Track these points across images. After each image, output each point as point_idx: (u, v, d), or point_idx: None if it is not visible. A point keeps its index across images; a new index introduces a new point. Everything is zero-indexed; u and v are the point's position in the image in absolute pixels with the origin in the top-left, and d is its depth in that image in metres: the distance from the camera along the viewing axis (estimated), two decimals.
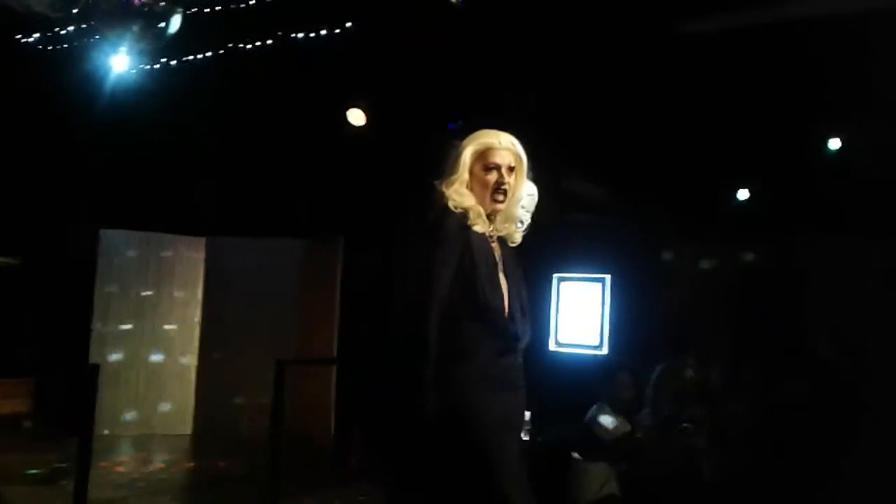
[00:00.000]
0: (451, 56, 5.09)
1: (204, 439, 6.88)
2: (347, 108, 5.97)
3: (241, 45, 5.64)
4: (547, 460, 4.65)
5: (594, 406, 4.86)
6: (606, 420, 4.74)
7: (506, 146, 2.66)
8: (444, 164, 2.66)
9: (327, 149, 6.29)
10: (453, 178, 2.61)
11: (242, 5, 5.10)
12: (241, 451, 6.11)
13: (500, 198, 2.62)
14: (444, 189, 2.60)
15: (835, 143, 5.40)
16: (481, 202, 2.61)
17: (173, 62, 5.73)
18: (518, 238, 2.70)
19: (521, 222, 2.71)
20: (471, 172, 2.61)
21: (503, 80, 5.17)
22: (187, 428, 7.07)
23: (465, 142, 2.67)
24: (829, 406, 4.56)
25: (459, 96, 5.45)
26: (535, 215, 2.73)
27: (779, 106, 4.89)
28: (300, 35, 5.44)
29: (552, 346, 5.86)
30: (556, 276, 5.94)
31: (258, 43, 5.60)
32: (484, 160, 2.63)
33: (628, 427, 4.73)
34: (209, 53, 5.67)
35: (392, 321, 2.65)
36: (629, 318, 5.68)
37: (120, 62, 5.30)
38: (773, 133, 5.09)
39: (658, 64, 4.68)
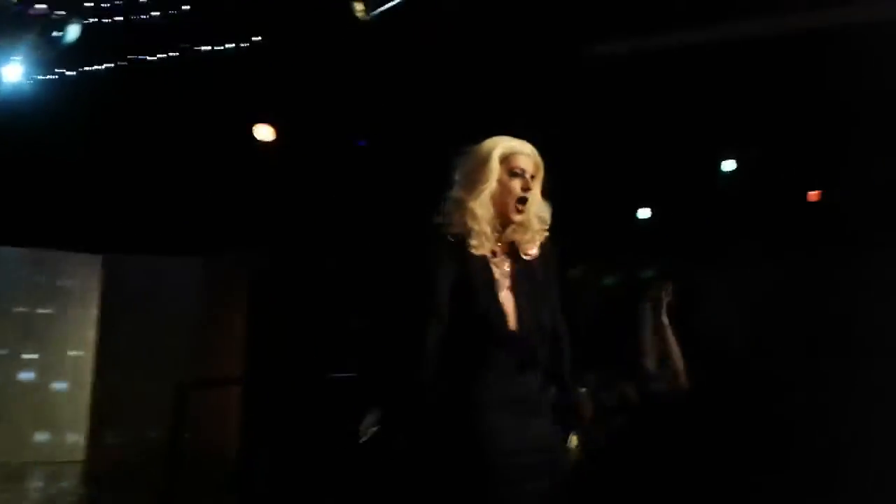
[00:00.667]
0: (360, 73, 5.08)
1: (97, 467, 6.56)
2: (254, 124, 5.87)
3: (143, 57, 5.47)
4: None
5: None
6: None
7: (529, 152, 2.51)
8: (459, 171, 2.49)
9: (234, 165, 6.15)
10: (482, 186, 2.43)
11: (144, 17, 4.94)
12: (137, 479, 5.85)
13: (522, 207, 2.46)
14: (468, 201, 2.42)
15: (729, 165, 5.67)
16: (502, 212, 2.46)
17: (71, 73, 5.49)
18: (531, 251, 2.50)
19: (537, 233, 2.52)
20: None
21: (410, 97, 5.19)
22: (80, 454, 6.73)
23: (485, 146, 2.50)
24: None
25: (367, 114, 5.45)
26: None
27: (675, 129, 5.11)
28: (205, 48, 5.32)
29: None
30: None
31: (161, 55, 5.44)
32: (509, 165, 2.47)
33: None
34: (109, 65, 5.47)
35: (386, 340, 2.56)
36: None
37: (13, 71, 5.05)
38: (670, 155, 5.31)
39: (561, 84, 4.81)
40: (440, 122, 5.46)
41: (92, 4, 4.83)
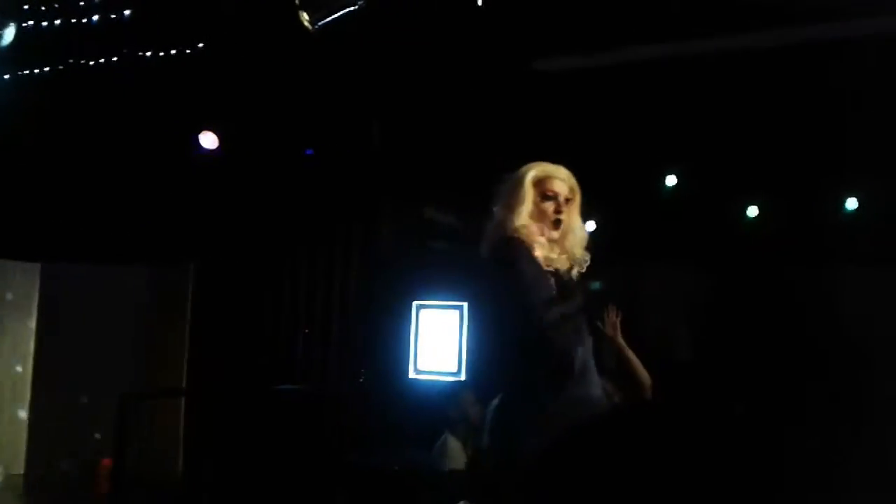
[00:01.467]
0: (308, 82, 5.03)
1: (35, 481, 6.35)
2: (199, 131, 5.76)
3: (84, 62, 5.33)
4: (401, 491, 4.59)
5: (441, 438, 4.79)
6: (453, 447, 4.64)
7: (563, 177, 2.61)
8: (498, 197, 2.59)
9: (177, 172, 6.03)
10: (520, 208, 2.54)
11: (84, 21, 4.82)
12: (78, 493, 5.69)
13: (556, 226, 2.56)
14: (513, 221, 2.52)
15: (671, 180, 5.78)
16: (541, 227, 2.55)
17: (5, 76, 5.32)
18: (574, 277, 2.61)
19: (578, 262, 2.62)
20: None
21: (359, 108, 5.17)
22: (19, 468, 6.52)
23: (521, 171, 2.60)
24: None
25: (314, 122, 5.40)
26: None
27: (622, 143, 5.18)
28: (149, 54, 5.21)
29: (411, 374, 5.86)
30: (415, 303, 5.96)
31: (102, 60, 5.31)
32: (542, 188, 2.57)
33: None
34: (47, 69, 5.31)
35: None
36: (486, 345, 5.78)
37: None
38: (615, 169, 5.39)
39: (510, 97, 4.84)
40: (388, 132, 5.45)
41: (28, 7, 4.69)
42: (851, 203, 5.73)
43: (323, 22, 3.82)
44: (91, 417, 6.16)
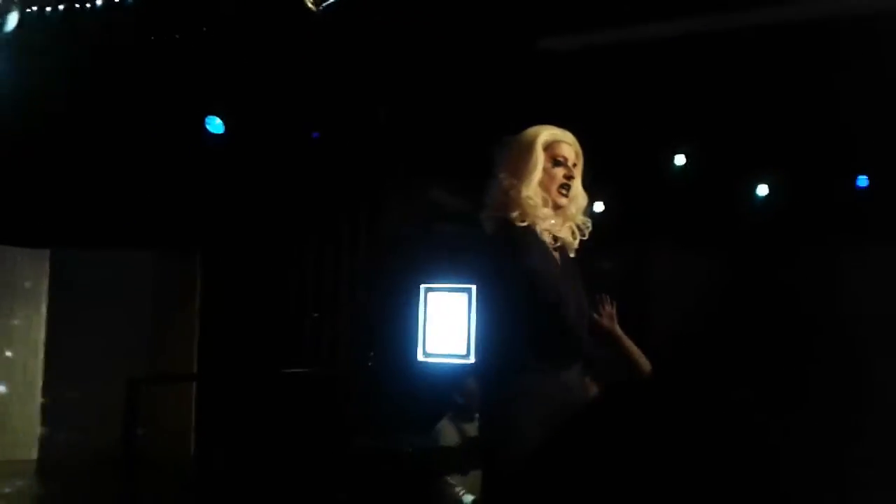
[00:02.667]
0: (313, 64, 5.00)
1: (49, 466, 6.40)
2: (207, 116, 5.74)
3: (90, 46, 5.31)
4: (411, 473, 4.60)
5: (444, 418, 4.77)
6: (450, 430, 4.60)
7: (570, 141, 2.55)
8: (504, 160, 2.51)
9: (185, 157, 6.02)
10: (531, 175, 2.45)
11: (88, 5, 4.79)
12: (89, 479, 5.73)
13: (565, 192, 2.50)
14: (522, 190, 2.44)
15: (680, 160, 5.73)
16: (549, 198, 2.49)
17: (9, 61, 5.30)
18: (576, 246, 2.57)
19: (580, 230, 2.57)
20: None
21: (365, 90, 5.14)
22: (32, 453, 6.57)
23: (528, 134, 2.52)
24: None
25: (320, 105, 5.37)
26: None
27: (630, 123, 5.14)
28: (156, 38, 5.19)
29: (420, 357, 5.87)
30: (423, 286, 5.95)
31: (108, 44, 5.29)
32: (552, 152, 2.50)
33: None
34: (52, 53, 5.30)
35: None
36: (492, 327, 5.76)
37: None
38: (624, 148, 5.34)
39: (517, 77, 4.80)
40: (395, 113, 5.42)
41: None
42: (862, 181, 5.68)
43: (327, 3, 3.79)
44: (104, 403, 6.19)
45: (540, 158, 2.48)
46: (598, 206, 6.18)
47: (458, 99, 5.06)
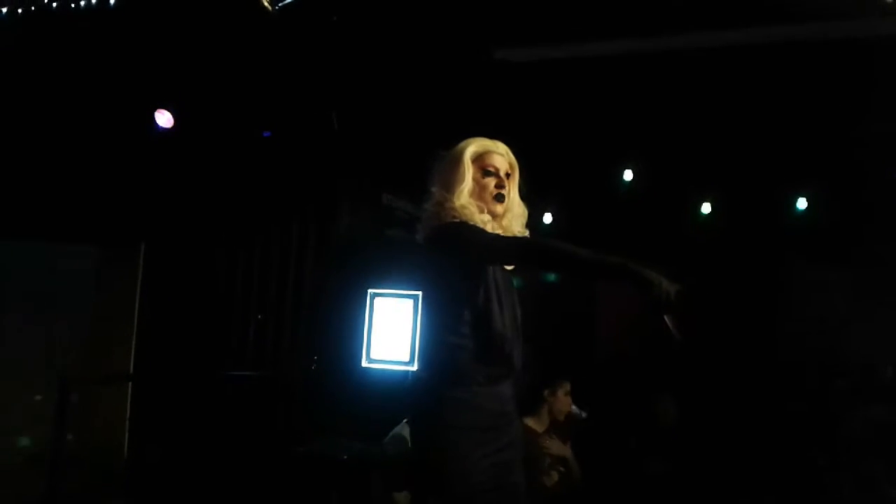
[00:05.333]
0: (267, 63, 4.95)
1: None
2: (154, 109, 5.62)
3: (36, 36, 5.17)
4: (350, 481, 4.56)
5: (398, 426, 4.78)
6: (404, 437, 4.58)
7: (503, 151, 2.56)
8: (436, 173, 2.53)
9: (130, 150, 5.88)
10: (461, 187, 2.47)
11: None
12: (17, 480, 5.54)
13: (500, 200, 2.50)
14: (453, 201, 2.44)
15: (628, 175, 5.83)
16: (485, 208, 2.49)
17: None
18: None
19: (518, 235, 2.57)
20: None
21: (319, 92, 5.10)
22: None
23: (458, 147, 2.54)
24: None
25: (272, 104, 5.31)
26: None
27: (580, 137, 5.21)
28: (104, 29, 5.07)
29: (364, 363, 5.82)
30: (370, 291, 5.91)
31: (55, 33, 5.15)
32: (482, 163, 2.52)
33: None
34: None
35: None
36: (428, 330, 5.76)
37: None
38: (573, 162, 5.42)
39: (470, 86, 4.82)
40: (347, 117, 5.39)
41: None
42: (801, 203, 5.86)
43: (283, 3, 3.75)
44: (35, 403, 5.99)
45: (468, 170, 2.50)
46: (547, 218, 6.28)
47: (412, 105, 5.06)
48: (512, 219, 2.57)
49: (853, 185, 5.47)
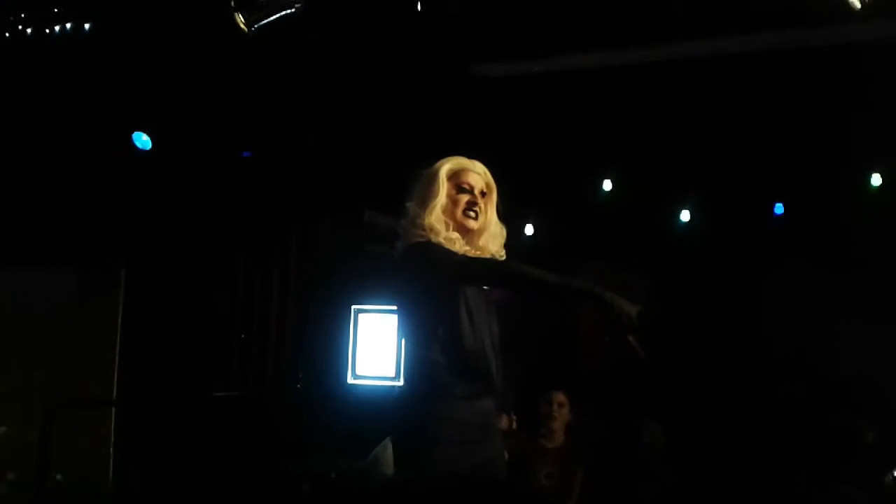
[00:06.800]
0: (245, 83, 4.95)
1: None
2: (132, 131, 5.60)
3: (13, 56, 5.14)
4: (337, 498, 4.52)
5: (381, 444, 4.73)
6: (388, 454, 4.58)
7: (479, 171, 2.60)
8: (413, 191, 2.57)
9: (110, 173, 5.85)
10: (433, 203, 2.50)
11: (12, 18, 4.64)
12: None
13: (473, 215, 2.53)
14: (424, 217, 2.48)
15: (607, 185, 5.88)
16: (458, 224, 2.52)
17: None
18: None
19: (495, 255, 2.60)
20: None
21: (295, 110, 5.11)
22: None
23: (435, 165, 2.58)
24: None
25: (252, 126, 5.32)
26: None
27: (560, 149, 5.25)
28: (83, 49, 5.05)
29: (350, 379, 5.81)
30: (353, 307, 5.91)
31: (33, 56, 5.13)
32: (457, 180, 2.56)
33: None
34: None
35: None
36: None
37: None
38: (553, 174, 5.46)
39: (449, 101, 4.85)
40: (327, 135, 5.40)
41: None
42: (779, 208, 5.93)
43: (260, 24, 3.76)
44: (17, 429, 5.91)
45: (443, 187, 2.54)
46: (528, 230, 6.31)
47: (391, 121, 5.09)
48: (489, 238, 2.60)
49: (831, 190, 5.54)
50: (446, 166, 2.58)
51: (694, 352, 5.60)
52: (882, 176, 5.47)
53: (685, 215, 6.09)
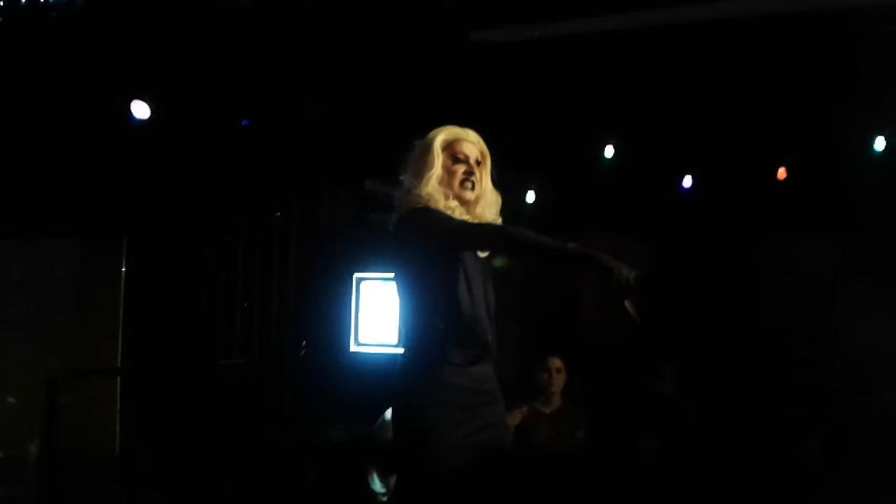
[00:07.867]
0: (244, 51, 4.91)
1: None
2: (131, 100, 5.57)
3: (11, 24, 5.10)
4: (342, 465, 4.58)
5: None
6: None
7: (473, 140, 2.59)
8: (407, 162, 2.58)
9: (109, 142, 5.83)
10: (429, 173, 2.50)
11: None
12: (7, 479, 5.52)
13: (470, 185, 2.54)
14: (420, 188, 2.49)
15: (609, 151, 5.85)
16: (455, 194, 2.53)
17: None
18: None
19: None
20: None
21: (294, 78, 5.08)
22: None
23: (429, 136, 2.58)
24: None
25: (250, 92, 5.28)
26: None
27: (561, 115, 5.22)
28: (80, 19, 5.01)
29: (352, 347, 5.84)
30: (355, 275, 5.92)
31: (30, 24, 5.09)
32: (452, 150, 2.55)
33: None
34: None
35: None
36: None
37: None
38: (554, 141, 5.43)
39: (449, 68, 4.81)
40: (327, 102, 5.37)
41: None
42: (782, 173, 5.91)
43: None
44: (22, 400, 5.96)
45: (438, 157, 2.54)
46: (530, 197, 6.30)
47: (391, 89, 5.05)
48: (485, 206, 2.61)
49: (834, 156, 5.52)
50: (440, 137, 2.57)
51: (693, 317, 5.62)
52: (886, 139, 5.45)
53: (687, 181, 6.07)
